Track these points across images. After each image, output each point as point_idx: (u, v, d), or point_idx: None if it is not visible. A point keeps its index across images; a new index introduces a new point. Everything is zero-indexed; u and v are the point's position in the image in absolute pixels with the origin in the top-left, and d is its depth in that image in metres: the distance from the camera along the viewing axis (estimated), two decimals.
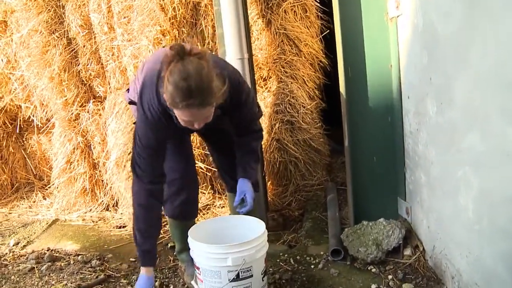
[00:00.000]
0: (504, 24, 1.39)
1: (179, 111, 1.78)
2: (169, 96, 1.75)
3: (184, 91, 1.70)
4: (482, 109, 1.57)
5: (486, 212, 1.61)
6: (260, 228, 2.06)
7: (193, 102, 1.73)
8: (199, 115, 1.81)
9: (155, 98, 1.93)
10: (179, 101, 1.73)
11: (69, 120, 3.50)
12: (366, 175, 2.63)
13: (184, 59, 1.73)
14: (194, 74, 1.71)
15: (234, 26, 2.79)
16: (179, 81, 1.70)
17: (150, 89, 1.95)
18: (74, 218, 3.56)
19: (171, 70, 1.72)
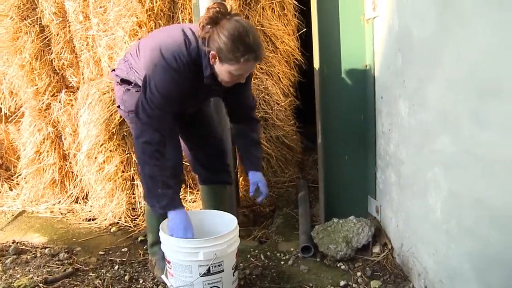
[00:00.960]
0: (476, 30, 1.43)
1: (238, 65, 1.94)
2: (228, 52, 1.91)
3: (245, 46, 1.90)
4: (453, 112, 1.61)
5: (454, 213, 1.65)
6: (231, 224, 2.07)
7: (254, 56, 1.94)
8: (251, 69, 2.05)
9: (184, 51, 2.01)
10: (240, 55, 1.91)
11: (39, 110, 3.42)
12: (338, 173, 2.66)
13: (232, 16, 1.94)
14: (252, 30, 1.94)
15: None
16: (240, 36, 1.89)
17: (174, 44, 2.02)
18: (41, 210, 3.48)
19: (224, 26, 1.90)
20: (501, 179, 1.35)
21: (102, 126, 3.09)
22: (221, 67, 1.99)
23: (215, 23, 1.93)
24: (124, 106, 2.30)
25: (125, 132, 3.14)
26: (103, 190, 3.22)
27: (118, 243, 2.87)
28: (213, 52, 1.96)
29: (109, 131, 3.09)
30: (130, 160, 3.16)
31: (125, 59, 2.32)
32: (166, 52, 2.01)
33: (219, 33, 1.91)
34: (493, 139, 1.38)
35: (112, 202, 3.21)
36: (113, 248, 2.80)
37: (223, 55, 1.93)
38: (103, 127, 3.09)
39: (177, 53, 2.01)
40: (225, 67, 1.98)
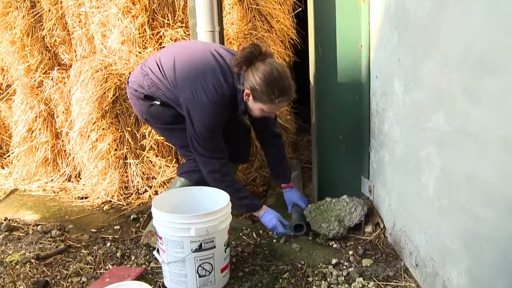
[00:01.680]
0: (472, 7, 1.41)
1: (271, 105, 2.16)
2: (262, 94, 2.11)
3: (280, 89, 2.11)
4: (448, 90, 1.60)
5: (447, 191, 1.65)
6: (224, 200, 2.07)
7: (287, 98, 2.17)
8: (283, 107, 2.39)
9: (223, 83, 2.19)
10: (275, 97, 2.12)
11: (31, 87, 3.38)
12: (332, 152, 2.66)
13: (266, 57, 2.13)
14: (286, 73, 2.14)
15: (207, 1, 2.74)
16: (275, 80, 2.09)
17: (213, 77, 2.18)
18: (34, 188, 3.46)
19: (259, 68, 2.09)
20: (495, 156, 1.35)
21: (95, 104, 3.07)
22: (254, 105, 2.20)
23: (250, 63, 2.12)
24: (154, 119, 2.46)
25: (118, 110, 3.12)
26: (95, 168, 3.21)
27: (111, 221, 2.86)
28: (247, 91, 2.15)
29: (102, 109, 3.07)
30: (123, 138, 3.15)
31: (143, 72, 2.39)
32: (206, 86, 2.17)
33: (254, 74, 2.10)
34: (487, 116, 1.38)
35: (105, 181, 3.19)
36: (106, 226, 2.79)
37: (257, 95, 2.13)
38: (96, 105, 3.06)
39: (217, 86, 2.18)
40: (258, 105, 2.18)
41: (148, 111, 2.44)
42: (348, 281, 2.06)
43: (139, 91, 2.39)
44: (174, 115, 2.40)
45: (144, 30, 3.09)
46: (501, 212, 1.33)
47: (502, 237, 1.33)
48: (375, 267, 2.15)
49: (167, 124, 2.47)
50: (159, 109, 2.40)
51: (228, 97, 2.21)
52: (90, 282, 2.16)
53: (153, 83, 2.33)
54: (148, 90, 2.36)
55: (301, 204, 2.60)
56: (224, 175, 2.31)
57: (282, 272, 2.17)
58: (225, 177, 2.31)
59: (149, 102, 2.40)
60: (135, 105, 2.51)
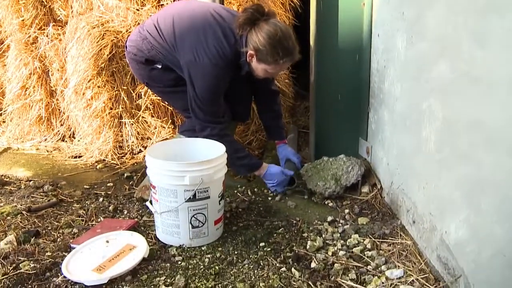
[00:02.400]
0: None
1: (276, 66, 2.11)
2: (267, 54, 2.05)
3: (284, 50, 2.06)
4: (453, 35, 1.55)
5: (448, 141, 1.61)
6: (220, 151, 2.03)
7: (291, 58, 2.12)
8: (286, 67, 2.28)
9: (226, 46, 2.12)
10: (279, 58, 2.07)
11: (25, 43, 3.31)
12: (330, 112, 2.62)
13: (269, 18, 2.07)
14: (289, 34, 2.08)
15: None
16: (279, 41, 2.03)
17: (214, 39, 2.12)
18: (27, 147, 3.42)
19: (263, 28, 2.03)
20: (500, 99, 1.30)
21: (90, 61, 3.01)
22: (258, 65, 2.14)
23: (253, 24, 2.06)
24: (155, 83, 2.41)
25: (114, 68, 3.06)
26: (90, 127, 3.16)
27: (104, 179, 2.83)
28: (251, 51, 2.09)
29: (97, 66, 3.01)
30: (118, 97, 3.09)
31: (141, 35, 2.32)
32: (208, 48, 2.11)
33: (258, 35, 2.04)
34: (493, 58, 1.33)
35: (99, 139, 3.15)
36: (99, 183, 2.76)
37: (261, 56, 2.08)
38: (92, 62, 3.01)
39: (220, 48, 2.11)
40: (262, 66, 2.13)
41: (149, 75, 2.38)
42: (344, 237, 2.04)
43: (139, 55, 2.33)
44: (175, 78, 2.35)
45: None
46: (503, 155, 1.29)
47: (503, 179, 1.29)
48: (371, 225, 2.12)
49: (169, 87, 2.41)
50: (160, 72, 2.34)
51: (230, 58, 2.15)
52: (81, 233, 2.13)
53: (153, 46, 2.27)
54: (148, 54, 2.30)
55: (294, 160, 2.55)
56: (222, 137, 2.23)
57: (277, 227, 2.14)
58: (223, 138, 2.21)
59: (150, 66, 2.34)
60: (135, 69, 2.44)
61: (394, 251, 1.89)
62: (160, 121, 3.15)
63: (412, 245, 1.91)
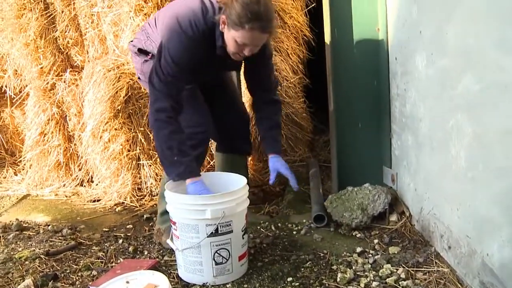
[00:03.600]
0: None
1: (243, 31, 1.89)
2: (235, 17, 1.86)
3: (253, 13, 1.84)
4: (476, 46, 1.50)
5: (480, 155, 1.53)
6: (240, 182, 1.96)
7: (259, 25, 1.87)
8: (257, 40, 1.94)
9: (201, 18, 1.99)
10: (246, 21, 1.86)
11: (44, 90, 3.35)
12: (351, 141, 2.56)
13: None
14: (265, 1, 1.90)
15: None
16: (250, 3, 1.85)
17: (191, 12, 2.01)
18: (46, 193, 3.40)
19: None
20: None
21: (107, 104, 3.01)
22: (228, 34, 1.96)
23: None
24: (145, 77, 2.26)
25: (131, 110, 3.06)
26: (108, 169, 3.13)
27: (123, 221, 2.77)
28: (223, 16, 1.94)
29: (114, 108, 3.01)
30: (135, 138, 3.08)
31: (142, 28, 2.33)
32: (182, 19, 2.00)
33: (234, 1, 1.89)
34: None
35: (117, 182, 3.11)
36: (118, 225, 2.70)
37: (230, 20, 1.90)
38: (108, 104, 3.01)
39: (193, 20, 1.99)
40: (231, 33, 1.94)
41: (141, 68, 2.31)
42: (375, 268, 1.93)
43: (136, 45, 2.30)
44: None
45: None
46: None
47: None
48: (403, 254, 2.01)
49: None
50: (150, 65, 2.19)
51: (205, 32, 2.01)
52: (100, 275, 2.06)
53: (148, 36, 2.25)
54: (144, 44, 2.26)
55: (286, 174, 2.29)
56: (170, 118, 2.00)
57: (304, 261, 2.04)
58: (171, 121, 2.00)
59: (142, 57, 2.28)
60: (134, 62, 2.42)
61: (431, 279, 1.78)
62: None
63: (450, 272, 1.80)
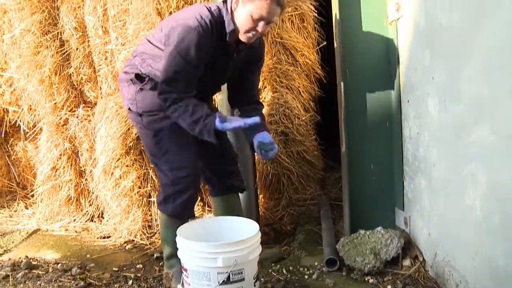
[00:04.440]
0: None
1: (260, 2, 1.93)
2: None
3: None
4: (491, 97, 1.50)
5: (497, 207, 1.51)
6: (253, 229, 1.95)
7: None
8: (273, 12, 1.97)
9: (206, 11, 2.02)
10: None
11: (57, 125, 3.38)
12: (363, 183, 2.53)
13: None
14: None
15: None
16: None
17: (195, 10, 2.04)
18: (56, 228, 3.40)
19: None
20: None
21: (119, 140, 3.03)
22: (243, 10, 1.99)
23: None
24: (137, 107, 2.21)
25: (142, 147, 3.07)
26: (118, 206, 3.13)
27: (133, 260, 2.75)
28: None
29: (126, 145, 3.03)
30: (147, 175, 3.08)
31: (134, 55, 2.27)
32: (187, 16, 2.01)
33: None
34: None
35: (128, 219, 3.11)
36: (128, 265, 2.68)
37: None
38: (120, 141, 3.03)
39: (198, 13, 2.00)
40: (247, 8, 1.97)
41: (135, 97, 2.20)
42: None
43: (130, 72, 2.21)
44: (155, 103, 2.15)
45: None
46: None
47: None
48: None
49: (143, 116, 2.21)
50: (147, 94, 2.18)
51: (212, 23, 2.01)
52: None
53: (143, 58, 2.17)
54: (140, 67, 2.17)
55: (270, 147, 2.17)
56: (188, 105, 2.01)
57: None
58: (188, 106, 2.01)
59: (137, 85, 2.18)
60: (124, 93, 2.27)
61: None
62: None
63: None
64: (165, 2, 3.00)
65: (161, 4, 3.00)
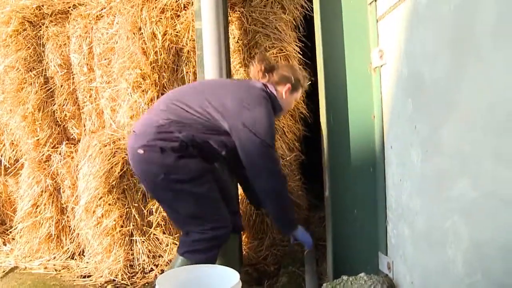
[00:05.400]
0: (495, 65, 1.36)
1: (301, 88, 2.59)
2: (295, 83, 2.50)
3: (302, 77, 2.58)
4: (473, 154, 1.51)
5: (479, 264, 1.51)
6: (234, 279, 1.92)
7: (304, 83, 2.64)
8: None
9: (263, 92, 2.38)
10: (303, 84, 2.59)
11: (39, 161, 3.35)
12: (347, 227, 2.52)
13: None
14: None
15: (216, 72, 2.77)
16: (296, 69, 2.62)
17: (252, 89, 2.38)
18: (35, 266, 3.33)
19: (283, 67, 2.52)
20: None
21: (101, 179, 3.00)
22: (291, 97, 2.52)
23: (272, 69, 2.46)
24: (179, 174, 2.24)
25: (125, 185, 3.05)
26: (100, 245, 3.08)
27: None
28: (289, 85, 2.46)
29: (108, 183, 3.00)
30: (129, 214, 3.05)
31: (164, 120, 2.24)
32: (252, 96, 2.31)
33: (284, 72, 2.47)
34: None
35: (109, 258, 3.06)
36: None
37: (295, 85, 2.50)
38: (103, 179, 3.00)
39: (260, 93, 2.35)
40: (294, 95, 2.54)
41: (174, 164, 2.21)
42: None
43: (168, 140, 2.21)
44: (202, 169, 2.29)
45: None
46: None
47: None
48: None
49: (189, 182, 2.25)
50: (187, 161, 2.24)
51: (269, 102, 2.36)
52: None
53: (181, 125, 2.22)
54: (180, 134, 2.21)
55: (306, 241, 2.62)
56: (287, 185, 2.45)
57: None
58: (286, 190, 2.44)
59: (176, 154, 2.20)
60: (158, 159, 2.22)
61: None
62: (172, 237, 3.07)
63: None
64: (151, 41, 3.03)
65: (147, 44, 3.03)
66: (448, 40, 1.66)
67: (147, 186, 2.39)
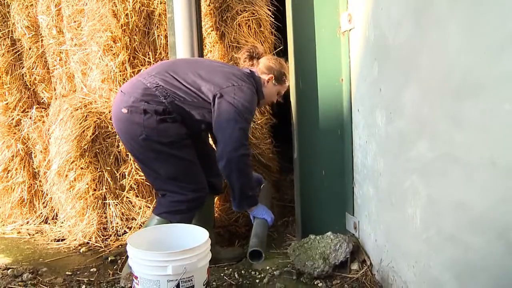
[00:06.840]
0: (451, 32, 1.40)
1: (284, 86, 2.58)
2: (279, 75, 2.52)
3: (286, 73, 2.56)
4: (430, 116, 1.57)
5: (434, 220, 1.59)
6: (202, 237, 1.98)
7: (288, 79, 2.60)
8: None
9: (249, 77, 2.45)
10: (286, 79, 2.56)
11: (9, 126, 3.30)
12: (315, 189, 2.60)
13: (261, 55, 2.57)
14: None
15: (187, 34, 2.75)
16: (284, 64, 2.55)
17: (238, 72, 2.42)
18: (8, 230, 3.33)
19: (268, 58, 2.54)
20: (481, 181, 1.30)
21: (73, 143, 2.99)
22: (273, 88, 2.54)
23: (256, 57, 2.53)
24: (158, 136, 2.28)
25: (97, 149, 3.04)
26: (73, 209, 3.09)
27: (87, 263, 2.73)
28: (270, 75, 2.49)
29: (80, 147, 2.99)
30: (102, 178, 3.06)
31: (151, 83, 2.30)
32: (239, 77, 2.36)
33: (268, 62, 2.50)
34: (471, 139, 1.34)
35: (83, 222, 3.08)
36: (81, 269, 2.66)
37: (277, 77, 2.51)
38: (75, 143, 2.99)
39: (246, 77, 2.40)
40: (277, 87, 2.54)
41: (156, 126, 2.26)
42: None
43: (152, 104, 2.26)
44: (182, 134, 2.33)
45: (125, 68, 3.06)
46: (491, 239, 1.26)
47: (493, 265, 1.26)
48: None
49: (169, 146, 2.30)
50: (169, 125, 2.28)
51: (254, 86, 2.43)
52: None
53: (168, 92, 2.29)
54: (164, 100, 2.27)
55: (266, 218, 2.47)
56: (249, 164, 2.34)
57: None
58: (249, 165, 2.35)
59: (161, 116, 2.26)
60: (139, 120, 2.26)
61: None
62: (145, 200, 3.10)
63: None
64: (121, 4, 2.98)
65: (117, 6, 2.98)
66: (411, 7, 1.69)
67: (128, 147, 2.41)
